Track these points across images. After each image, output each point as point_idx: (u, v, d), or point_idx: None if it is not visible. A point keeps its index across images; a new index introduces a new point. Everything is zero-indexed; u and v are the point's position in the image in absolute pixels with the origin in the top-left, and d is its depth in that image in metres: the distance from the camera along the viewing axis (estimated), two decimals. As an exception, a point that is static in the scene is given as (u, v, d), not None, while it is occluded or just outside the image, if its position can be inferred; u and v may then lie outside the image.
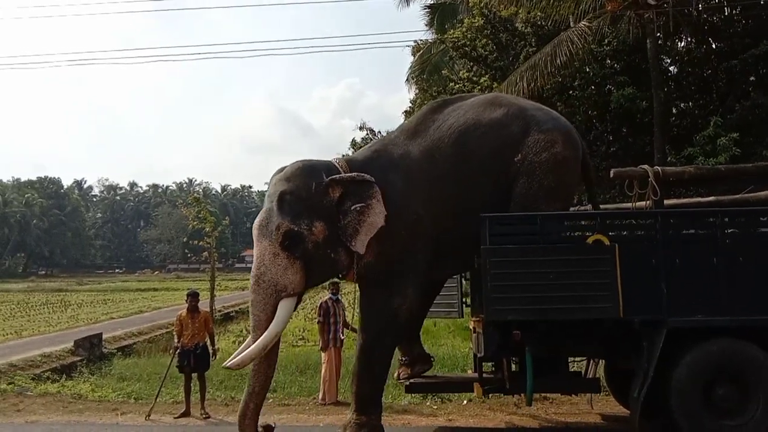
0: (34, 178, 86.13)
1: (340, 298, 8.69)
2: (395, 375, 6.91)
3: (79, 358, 11.51)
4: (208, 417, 7.52)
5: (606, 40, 13.47)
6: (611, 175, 7.04)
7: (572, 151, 6.28)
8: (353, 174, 5.93)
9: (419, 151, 6.20)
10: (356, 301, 8.36)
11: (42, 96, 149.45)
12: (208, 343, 7.93)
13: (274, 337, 5.60)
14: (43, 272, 77.27)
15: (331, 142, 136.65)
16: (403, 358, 6.92)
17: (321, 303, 8.64)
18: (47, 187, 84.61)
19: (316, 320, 8.87)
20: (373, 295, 6.10)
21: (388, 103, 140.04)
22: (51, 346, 12.92)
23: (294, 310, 5.99)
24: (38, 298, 33.03)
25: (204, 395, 7.82)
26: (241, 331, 16.23)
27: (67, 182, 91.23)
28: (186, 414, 7.62)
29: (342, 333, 8.52)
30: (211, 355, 7.89)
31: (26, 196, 77.44)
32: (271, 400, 8.07)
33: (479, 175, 6.10)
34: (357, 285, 6.63)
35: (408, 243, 5.96)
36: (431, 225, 6.01)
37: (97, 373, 10.76)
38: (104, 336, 13.44)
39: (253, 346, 5.53)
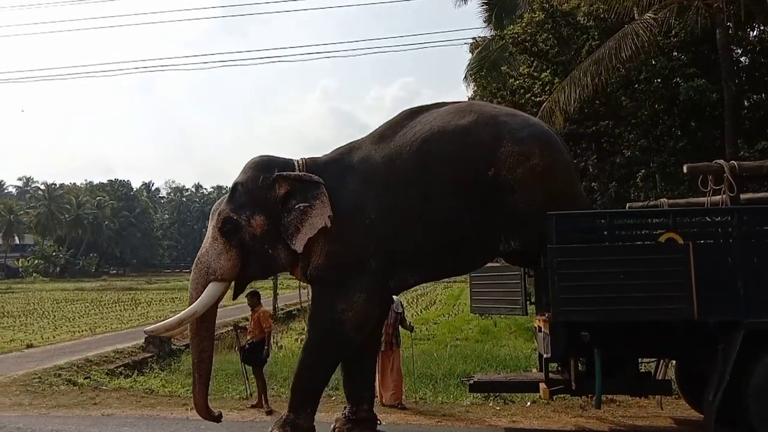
0: (105, 181, 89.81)
1: (394, 298, 8.09)
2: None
3: (149, 354, 11.92)
4: (271, 412, 7.65)
5: (673, 32, 13.00)
6: (684, 171, 6.78)
7: (552, 159, 5.85)
8: (301, 173, 5.98)
9: (380, 156, 6.04)
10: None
11: (112, 102, 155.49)
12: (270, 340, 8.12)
13: (191, 314, 5.86)
14: (114, 271, 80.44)
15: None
16: (347, 411, 6.48)
17: None
18: (118, 189, 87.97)
19: None
20: (320, 297, 6.10)
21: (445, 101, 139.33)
22: (123, 342, 13.45)
23: (222, 295, 6.09)
24: (110, 296, 34.35)
25: (263, 390, 8.02)
26: (303, 329, 16.44)
27: (136, 184, 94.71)
28: (257, 405, 7.97)
29: (395, 334, 8.13)
30: (264, 352, 8.07)
31: (98, 198, 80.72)
32: (334, 398, 8.15)
33: (442, 184, 5.84)
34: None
35: (358, 246, 5.87)
36: (385, 231, 5.86)
37: (167, 369, 11.13)
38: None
39: (171, 319, 6.04)
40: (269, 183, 5.98)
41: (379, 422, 6.61)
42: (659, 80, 13.34)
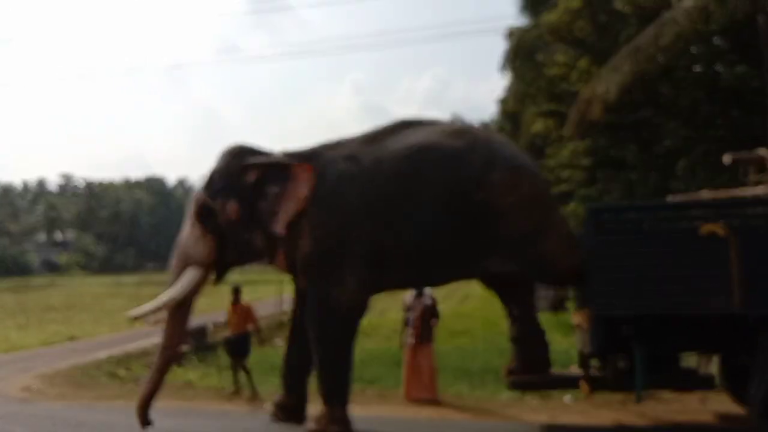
0: (142, 176, 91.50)
1: (423, 292, 8.01)
2: None
3: (187, 348, 12.06)
4: (258, 396, 8.05)
5: (713, 18, 12.63)
6: (725, 161, 6.60)
7: (538, 190, 6.09)
8: (271, 159, 6.16)
9: (368, 155, 6.15)
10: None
11: (147, 99, 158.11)
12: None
13: (170, 300, 6.13)
14: (152, 266, 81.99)
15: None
16: (278, 398, 6.70)
17: (404, 298, 8.17)
18: (154, 185, 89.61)
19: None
20: (314, 287, 6.11)
21: (477, 92, 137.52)
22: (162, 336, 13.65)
23: (201, 282, 6.26)
24: (148, 290, 34.88)
25: (250, 378, 8.32)
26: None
27: (171, 180, 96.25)
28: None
29: (423, 327, 7.86)
30: (250, 344, 8.55)
31: (136, 195, 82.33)
32: (368, 392, 8.16)
33: (429, 196, 5.92)
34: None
35: (339, 233, 5.95)
36: (367, 221, 5.94)
37: (204, 362, 11.27)
38: (208, 327, 14.05)
39: (151, 303, 6.26)
40: (241, 170, 6.16)
41: (306, 413, 6.57)
42: (700, 67, 13.03)
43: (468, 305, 21.88)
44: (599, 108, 12.17)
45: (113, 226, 77.93)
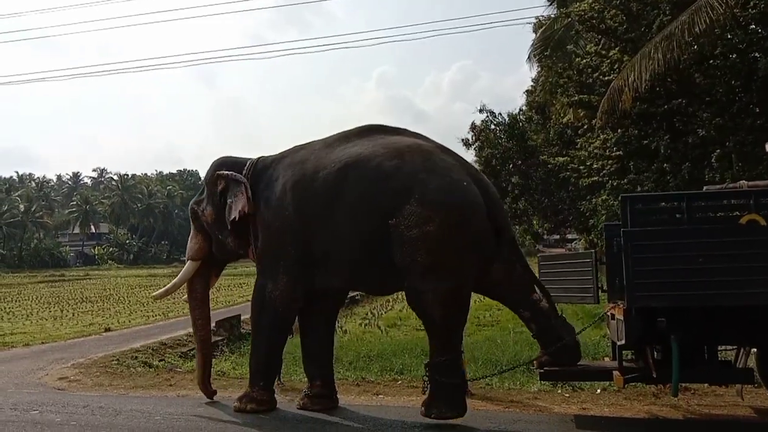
0: (174, 171, 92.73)
1: None
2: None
3: (220, 338, 12.24)
4: (284, 386, 8.14)
5: (751, 3, 12.33)
6: (766, 150, 6.45)
7: (451, 232, 5.82)
8: (229, 173, 6.98)
9: (314, 161, 6.59)
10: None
11: (178, 94, 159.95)
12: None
13: (172, 287, 7.72)
14: (185, 258, 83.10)
15: (445, 127, 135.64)
16: (305, 388, 7.16)
17: None
18: (186, 179, 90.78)
19: None
20: (257, 279, 6.92)
21: (503, 84, 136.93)
22: (194, 326, 13.87)
23: (196, 273, 7.43)
24: (181, 282, 35.47)
25: (280, 367, 8.30)
26: (366, 314, 16.64)
27: (203, 173, 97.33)
28: None
29: None
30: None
31: (168, 188, 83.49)
32: (399, 382, 8.20)
33: (346, 211, 6.22)
34: None
35: (279, 235, 6.64)
36: (299, 226, 6.50)
37: (236, 352, 11.42)
38: (242, 317, 14.23)
39: (163, 288, 7.95)
40: (215, 180, 7.12)
41: (334, 398, 7.09)
42: (735, 55, 12.71)
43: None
44: (631, 97, 11.96)
45: (146, 219, 79.14)
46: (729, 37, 12.57)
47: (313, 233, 6.42)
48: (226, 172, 7.02)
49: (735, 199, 5.74)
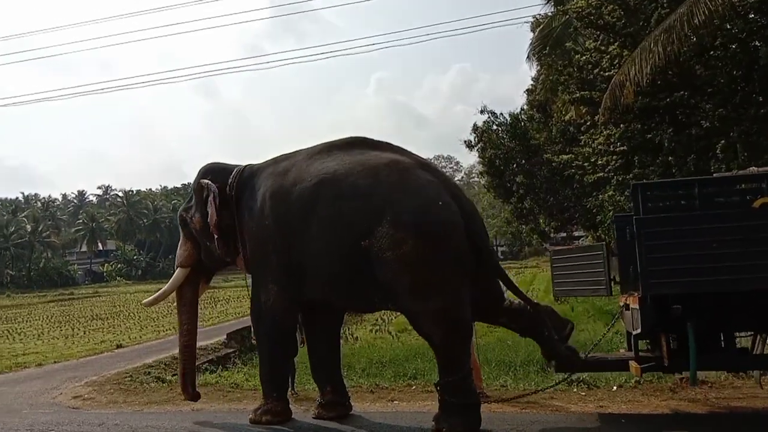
0: (179, 185, 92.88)
1: None
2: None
3: (231, 350, 12.27)
4: (298, 395, 8.13)
5: (749, -8, 12.30)
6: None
7: (425, 251, 5.69)
8: (206, 181, 7.02)
9: (296, 174, 6.56)
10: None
11: (179, 108, 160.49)
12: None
13: (162, 295, 7.80)
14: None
15: (446, 130, 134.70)
16: (318, 397, 7.08)
17: None
18: (190, 193, 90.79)
19: None
20: (251, 290, 6.98)
21: (502, 84, 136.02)
22: (205, 339, 13.86)
23: (186, 280, 7.45)
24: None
25: (294, 377, 8.33)
26: (376, 320, 16.60)
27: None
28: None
29: None
30: (299, 342, 8.27)
31: (173, 202, 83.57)
32: (414, 387, 8.17)
33: (320, 227, 6.17)
34: None
35: (262, 244, 6.67)
36: (277, 236, 6.51)
37: (249, 364, 11.43)
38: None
39: (153, 295, 8.10)
40: (201, 188, 7.12)
41: (348, 404, 7.02)
42: (736, 45, 12.66)
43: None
44: (632, 92, 11.95)
45: (153, 235, 79.30)
46: (728, 27, 12.52)
47: (290, 245, 6.41)
48: (206, 180, 7.05)
49: (747, 183, 5.71)
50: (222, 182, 7.03)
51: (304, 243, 6.30)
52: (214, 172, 7.24)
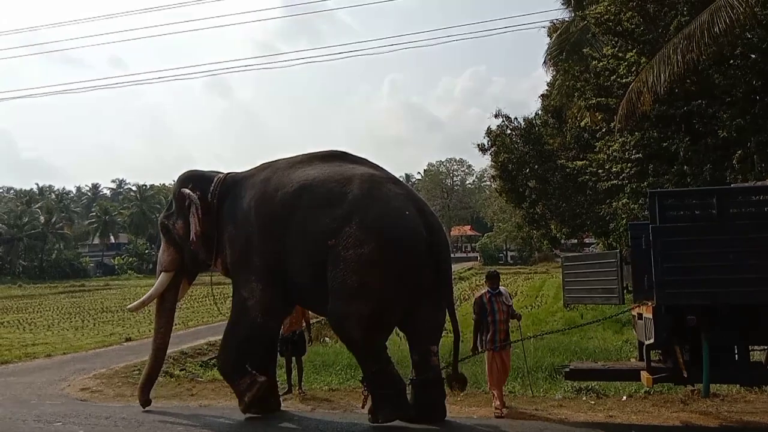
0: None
1: (502, 290, 7.42)
2: None
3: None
4: (305, 394, 8.27)
5: (771, 1, 12.14)
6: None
7: (385, 256, 6.13)
8: (188, 192, 7.35)
9: (277, 182, 6.97)
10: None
11: (191, 105, 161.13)
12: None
13: (148, 299, 7.97)
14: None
15: (459, 132, 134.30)
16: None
17: (476, 299, 7.50)
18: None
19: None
20: (233, 288, 7.28)
21: (517, 88, 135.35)
22: (215, 335, 13.86)
23: (169, 284, 7.72)
24: (200, 290, 35.57)
25: (302, 376, 8.61)
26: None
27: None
28: (288, 391, 8.39)
29: (502, 330, 7.21)
30: (307, 341, 8.68)
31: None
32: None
33: (296, 231, 6.63)
34: None
35: (245, 248, 7.04)
36: (259, 239, 6.92)
37: (256, 362, 11.39)
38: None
39: (139, 300, 8.28)
40: (182, 196, 7.44)
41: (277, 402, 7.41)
42: (756, 55, 12.51)
43: (515, 303, 21.62)
44: (649, 99, 11.82)
45: (164, 230, 79.45)
46: (749, 36, 12.37)
47: (272, 250, 6.82)
48: (187, 190, 7.39)
49: (766, 194, 5.61)
50: (202, 189, 7.45)
51: (284, 247, 6.72)
52: (194, 179, 7.60)
